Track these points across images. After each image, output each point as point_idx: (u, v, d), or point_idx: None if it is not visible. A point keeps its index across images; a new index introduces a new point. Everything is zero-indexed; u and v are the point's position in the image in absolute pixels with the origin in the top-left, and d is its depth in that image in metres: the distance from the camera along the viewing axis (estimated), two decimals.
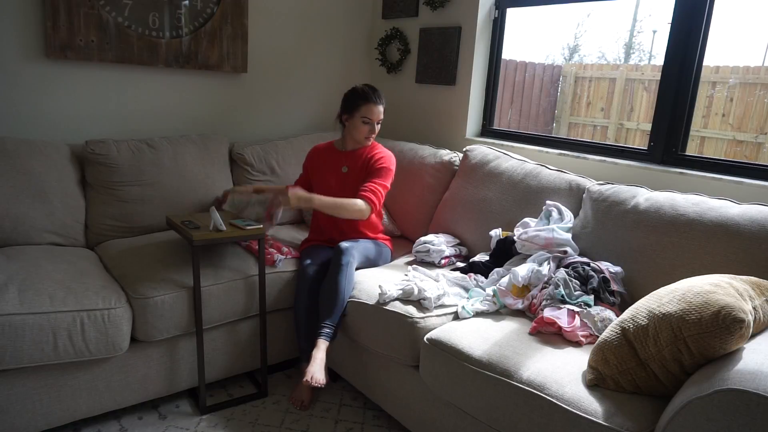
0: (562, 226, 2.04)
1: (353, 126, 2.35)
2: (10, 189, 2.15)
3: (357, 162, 2.40)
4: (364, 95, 2.31)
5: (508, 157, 2.49)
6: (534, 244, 2.02)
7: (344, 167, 2.41)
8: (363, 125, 2.33)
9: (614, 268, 1.91)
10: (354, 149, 2.43)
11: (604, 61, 9.69)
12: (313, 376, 1.95)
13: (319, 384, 1.96)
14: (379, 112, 2.33)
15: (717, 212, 1.80)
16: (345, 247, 2.17)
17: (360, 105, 2.31)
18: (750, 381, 1.12)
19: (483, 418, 1.61)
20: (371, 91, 2.33)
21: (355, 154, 2.41)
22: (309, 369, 1.98)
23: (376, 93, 2.33)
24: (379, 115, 2.34)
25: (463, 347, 1.68)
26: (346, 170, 2.41)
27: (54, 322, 1.73)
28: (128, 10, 2.54)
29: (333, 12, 3.29)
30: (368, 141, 2.39)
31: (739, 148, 5.07)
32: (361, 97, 2.31)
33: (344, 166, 2.41)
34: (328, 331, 2.06)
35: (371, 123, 2.33)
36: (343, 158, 2.43)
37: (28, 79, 2.41)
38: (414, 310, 1.89)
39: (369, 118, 2.32)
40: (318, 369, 1.98)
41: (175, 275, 2.04)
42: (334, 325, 2.07)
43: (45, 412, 1.82)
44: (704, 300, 1.31)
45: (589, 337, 1.69)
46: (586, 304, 1.77)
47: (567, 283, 1.82)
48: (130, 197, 2.41)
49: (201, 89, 2.90)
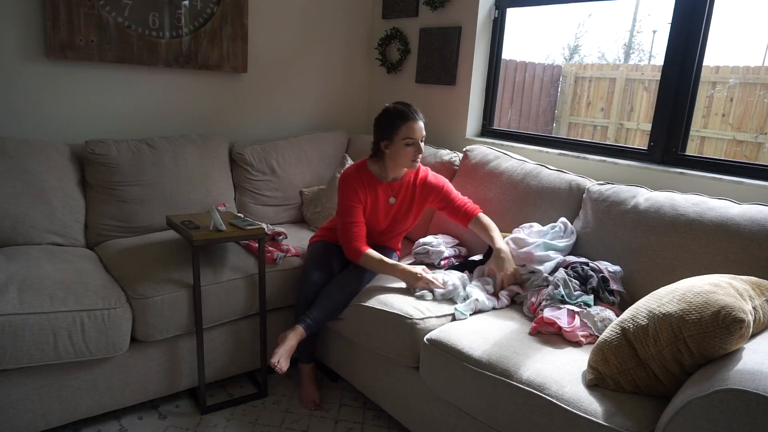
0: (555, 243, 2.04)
1: (395, 152, 2.08)
2: (10, 189, 2.15)
3: (402, 190, 2.21)
4: (400, 114, 2.06)
5: (508, 157, 2.49)
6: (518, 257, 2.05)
7: (391, 198, 2.20)
8: (407, 148, 2.06)
9: (613, 267, 1.91)
10: (396, 178, 2.19)
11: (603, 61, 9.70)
12: (280, 361, 1.92)
13: (282, 371, 1.93)
14: (421, 128, 2.08)
15: (717, 212, 1.80)
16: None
17: (399, 125, 2.05)
18: (750, 381, 1.12)
19: (483, 418, 1.61)
20: (406, 107, 2.08)
21: (401, 183, 2.20)
22: (278, 351, 1.94)
23: (411, 108, 2.09)
24: (421, 132, 2.08)
25: (463, 347, 1.68)
26: (394, 201, 2.20)
27: (54, 322, 1.73)
28: (128, 10, 2.54)
29: (333, 12, 3.29)
30: (416, 164, 2.13)
31: (739, 148, 5.07)
32: (398, 116, 2.06)
33: (391, 197, 2.20)
34: (309, 323, 2.03)
35: (416, 143, 2.07)
36: (388, 189, 2.20)
37: (28, 79, 2.41)
38: (413, 310, 1.89)
39: (412, 138, 2.05)
40: (286, 355, 1.95)
41: (175, 275, 2.04)
42: (319, 321, 2.05)
43: (45, 412, 1.82)
44: (704, 300, 1.31)
45: (589, 337, 1.69)
46: (586, 304, 1.77)
47: (567, 283, 1.82)
48: (130, 197, 2.41)
49: (201, 89, 2.90)
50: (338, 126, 3.46)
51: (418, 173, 2.25)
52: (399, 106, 2.09)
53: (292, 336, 2.00)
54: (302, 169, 2.92)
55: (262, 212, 2.81)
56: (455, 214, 2.25)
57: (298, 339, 2.01)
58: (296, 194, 2.92)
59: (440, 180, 2.27)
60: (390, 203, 2.21)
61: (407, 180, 2.22)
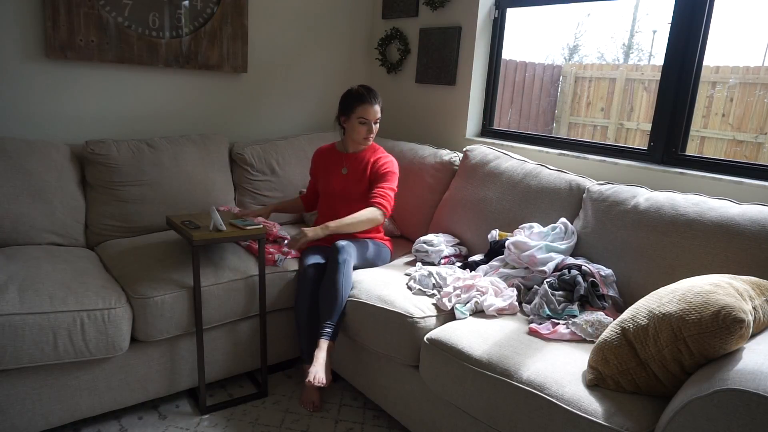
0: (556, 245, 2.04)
1: (351, 127, 2.38)
2: (10, 189, 2.15)
3: (358, 165, 2.42)
4: (358, 96, 2.33)
5: (508, 158, 2.49)
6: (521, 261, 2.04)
7: (344, 168, 2.43)
8: (360, 126, 2.34)
9: (606, 271, 1.91)
10: (355, 151, 2.45)
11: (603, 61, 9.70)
12: (316, 376, 1.96)
13: (321, 383, 1.96)
14: (375, 111, 2.34)
15: (717, 212, 1.80)
16: (341, 246, 2.17)
17: (355, 106, 2.33)
18: (750, 381, 1.12)
19: (483, 418, 1.61)
20: (366, 91, 2.34)
21: (356, 157, 2.44)
22: (311, 369, 1.98)
23: (371, 93, 2.34)
24: (375, 114, 2.35)
25: (463, 347, 1.68)
26: (346, 171, 2.43)
27: (54, 322, 1.73)
28: (128, 10, 2.54)
29: (333, 12, 3.29)
30: (367, 141, 2.41)
31: (739, 148, 5.07)
32: (356, 98, 2.33)
33: (344, 167, 2.44)
34: (329, 331, 2.06)
35: (368, 123, 2.34)
36: (343, 159, 2.45)
37: (28, 79, 2.41)
38: (414, 309, 1.89)
39: (365, 119, 2.33)
40: (320, 368, 1.98)
41: (175, 275, 2.04)
42: (335, 324, 2.07)
43: (45, 412, 1.82)
44: (704, 300, 1.31)
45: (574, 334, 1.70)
46: (571, 316, 1.77)
47: (550, 298, 1.83)
48: (130, 197, 2.41)
49: (201, 89, 2.90)
50: (338, 128, 3.45)
51: (375, 153, 2.44)
52: (360, 89, 2.35)
53: (318, 351, 2.03)
54: (302, 169, 2.92)
55: None
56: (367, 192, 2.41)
57: (326, 350, 2.04)
58: (296, 194, 2.91)
59: (387, 166, 2.40)
60: (343, 173, 2.43)
61: (362, 157, 2.43)
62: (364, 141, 2.40)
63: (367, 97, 2.33)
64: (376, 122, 2.37)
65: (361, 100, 2.32)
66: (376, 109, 2.35)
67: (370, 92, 2.35)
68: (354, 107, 2.33)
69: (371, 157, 2.43)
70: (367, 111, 2.33)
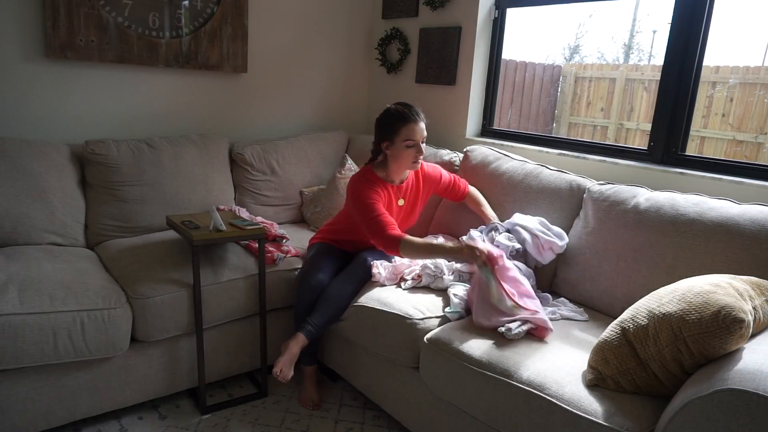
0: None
1: (397, 153, 2.07)
2: (10, 189, 2.15)
3: (409, 191, 2.24)
4: (401, 116, 2.05)
5: (508, 158, 2.49)
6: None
7: (400, 200, 2.21)
8: (407, 149, 2.05)
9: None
10: (403, 179, 2.20)
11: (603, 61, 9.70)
12: (282, 370, 1.94)
13: (285, 380, 1.95)
14: (422, 129, 2.06)
15: (717, 212, 1.80)
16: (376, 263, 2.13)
17: (399, 128, 2.04)
18: (750, 381, 1.12)
19: (483, 418, 1.61)
20: (407, 108, 2.07)
21: (407, 184, 2.22)
22: (280, 360, 1.95)
23: (412, 110, 2.07)
24: (422, 133, 2.07)
25: (463, 347, 1.68)
26: (403, 203, 2.22)
27: (54, 322, 1.73)
28: (128, 10, 2.54)
29: (333, 12, 3.29)
30: (417, 165, 2.13)
31: (739, 148, 5.07)
32: (399, 118, 2.05)
33: (400, 199, 2.21)
34: (311, 330, 2.03)
35: (417, 144, 2.06)
36: (397, 191, 2.20)
37: (28, 79, 2.41)
38: (413, 310, 1.89)
39: (413, 140, 2.04)
40: (289, 364, 1.96)
41: (175, 275, 2.04)
42: (320, 327, 2.04)
43: (45, 412, 1.82)
44: (704, 300, 1.31)
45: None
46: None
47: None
48: (130, 197, 2.41)
49: (201, 89, 2.90)
50: (338, 126, 3.46)
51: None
52: (400, 108, 2.08)
53: (293, 344, 2.00)
54: (302, 169, 2.92)
55: (262, 212, 2.80)
56: (453, 194, 2.39)
57: (300, 346, 2.01)
58: (296, 194, 2.92)
59: (435, 169, 2.35)
60: (399, 205, 2.22)
61: (410, 180, 2.25)
62: (414, 165, 2.12)
63: (411, 115, 2.05)
64: (423, 141, 2.09)
65: (405, 120, 2.04)
66: (422, 126, 2.06)
67: (411, 109, 2.07)
68: (398, 129, 2.04)
69: (412, 177, 2.24)
70: (413, 131, 2.04)
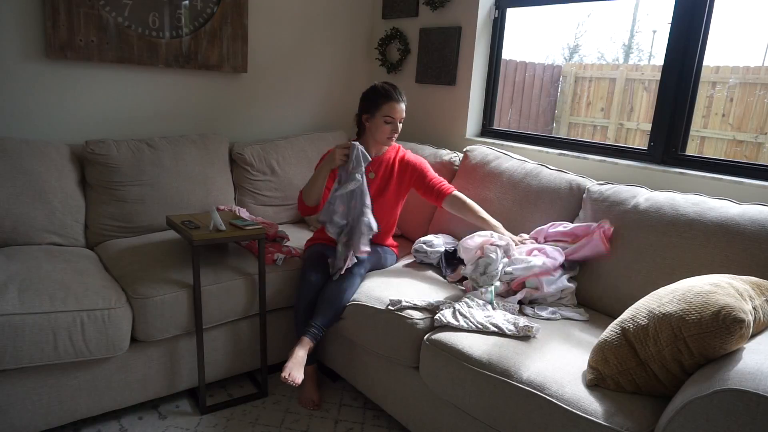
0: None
1: (374, 126, 2.24)
2: (10, 189, 2.15)
3: (383, 167, 2.33)
4: (385, 93, 2.21)
5: (508, 158, 2.49)
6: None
7: (371, 173, 2.30)
8: (385, 125, 2.22)
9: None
10: (378, 153, 2.33)
11: (603, 61, 9.70)
12: (291, 373, 1.93)
13: (295, 383, 1.93)
14: (401, 110, 2.23)
15: (717, 212, 1.80)
16: (363, 259, 2.15)
17: (381, 103, 2.20)
18: (750, 381, 1.12)
19: (483, 418, 1.61)
20: (392, 88, 2.23)
21: (380, 159, 2.33)
22: (288, 365, 1.95)
23: (397, 90, 2.23)
24: (401, 113, 2.23)
25: (463, 347, 1.68)
26: (374, 176, 2.31)
27: (54, 322, 1.73)
28: (128, 10, 2.54)
29: (333, 12, 3.29)
30: (390, 141, 2.27)
31: (739, 148, 5.07)
32: (383, 95, 2.21)
33: (371, 172, 2.30)
34: (315, 332, 2.04)
35: (394, 122, 2.22)
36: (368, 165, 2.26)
37: (28, 79, 2.41)
38: (414, 311, 1.89)
39: (392, 117, 2.21)
40: (298, 367, 1.96)
41: (175, 275, 2.04)
42: (323, 328, 2.06)
43: (45, 412, 1.82)
44: (704, 300, 1.31)
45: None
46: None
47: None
48: (130, 197, 2.41)
49: (201, 89, 2.90)
50: (338, 126, 3.46)
51: (398, 152, 2.37)
52: (386, 86, 2.24)
53: (299, 348, 2.01)
54: (302, 169, 2.92)
55: (262, 212, 2.80)
56: (429, 193, 2.35)
57: (306, 350, 2.02)
58: (296, 194, 2.91)
59: (418, 159, 2.38)
60: (370, 177, 2.29)
61: (387, 157, 2.34)
62: (387, 141, 2.26)
63: (394, 94, 2.21)
64: (401, 121, 2.26)
65: (388, 98, 2.20)
66: (402, 107, 2.23)
67: (396, 89, 2.24)
68: (380, 105, 2.21)
69: (394, 155, 2.34)
70: (393, 109, 2.20)
